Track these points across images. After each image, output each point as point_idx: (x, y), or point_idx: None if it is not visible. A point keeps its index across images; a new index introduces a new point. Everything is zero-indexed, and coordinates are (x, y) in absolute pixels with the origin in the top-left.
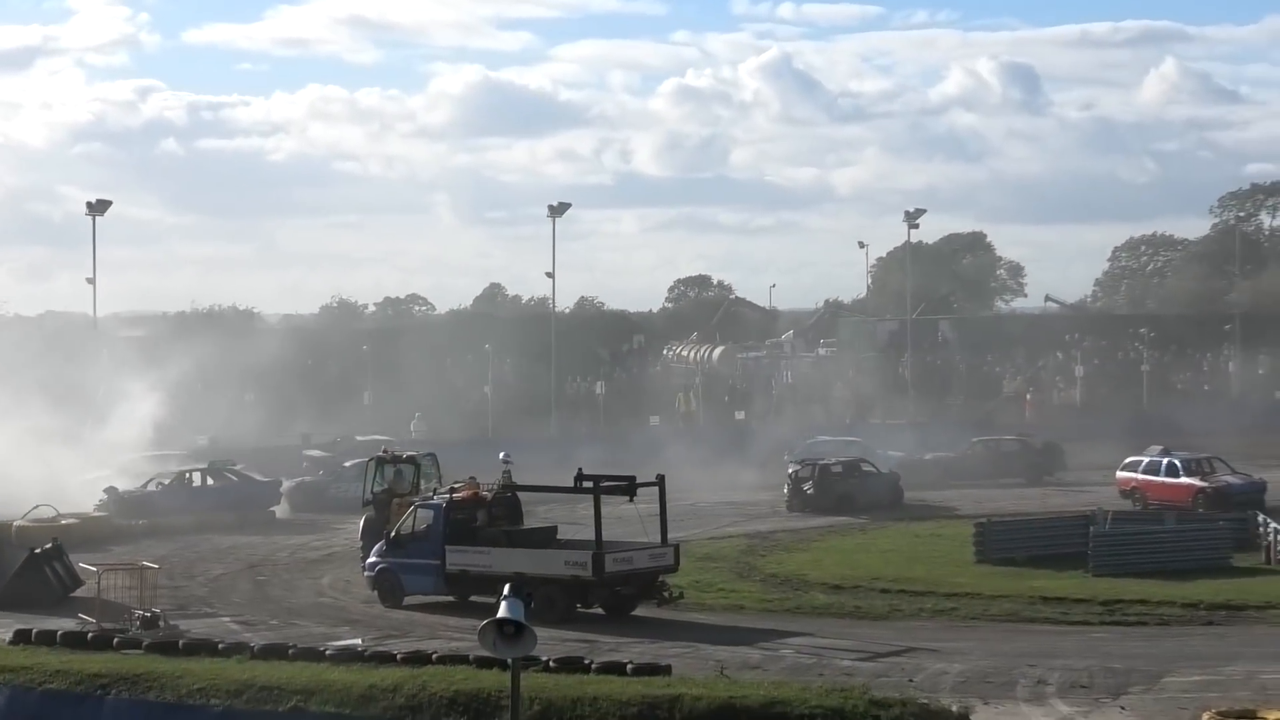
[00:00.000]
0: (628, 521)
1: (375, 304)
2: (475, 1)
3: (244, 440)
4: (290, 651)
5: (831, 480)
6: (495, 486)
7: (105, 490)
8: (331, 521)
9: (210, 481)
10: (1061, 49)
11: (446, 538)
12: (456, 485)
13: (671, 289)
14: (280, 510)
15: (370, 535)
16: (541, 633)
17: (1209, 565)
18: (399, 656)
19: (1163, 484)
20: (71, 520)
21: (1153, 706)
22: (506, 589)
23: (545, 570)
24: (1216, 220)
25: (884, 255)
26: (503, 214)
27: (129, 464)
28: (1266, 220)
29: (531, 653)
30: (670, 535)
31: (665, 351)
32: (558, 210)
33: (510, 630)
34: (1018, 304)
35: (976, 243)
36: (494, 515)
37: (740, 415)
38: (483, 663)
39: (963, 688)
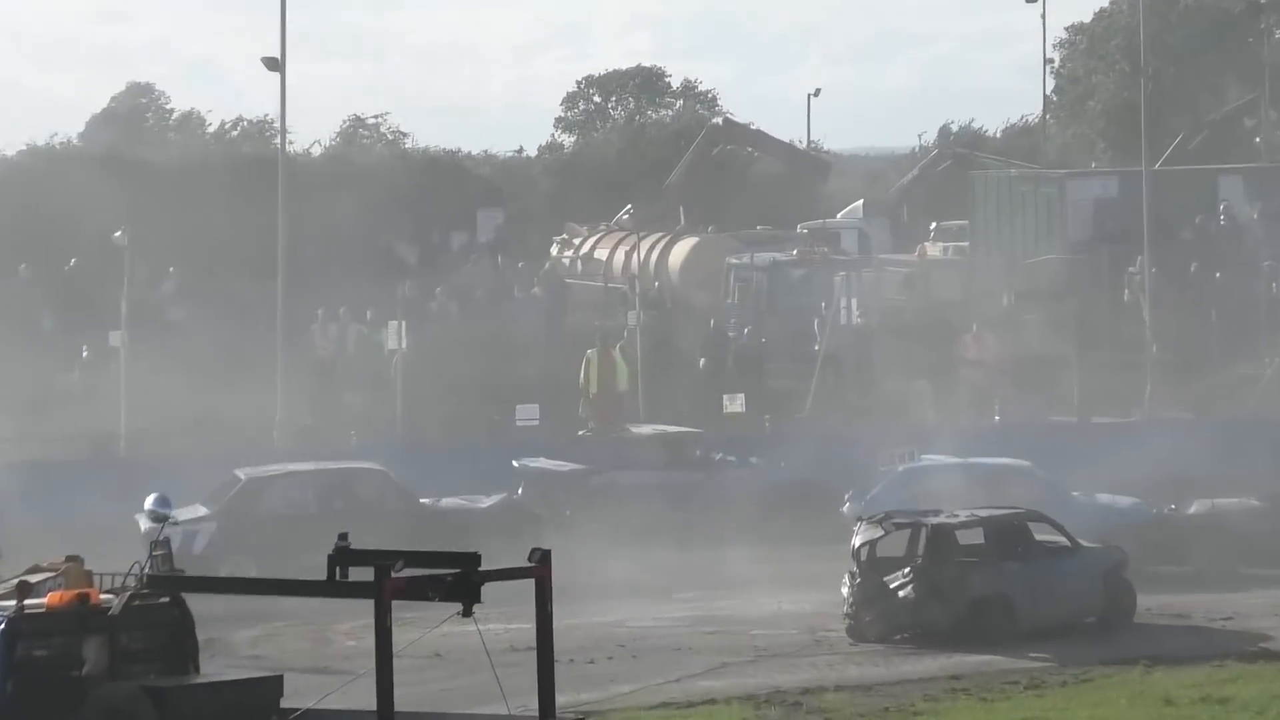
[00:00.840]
0: (461, 663)
1: None
2: None
3: None
4: None
5: (957, 567)
6: (134, 579)
7: None
8: None
9: None
10: None
11: (7, 705)
12: (36, 577)
13: (569, 103)
14: None
15: None
16: None
17: None
18: None
19: None
20: None
21: None
22: None
23: None
24: None
25: (1084, 20)
26: None
27: None
28: None
29: None
30: (570, 697)
31: (555, 249)
32: None
33: None
34: None
35: None
36: (124, 649)
37: (735, 404)
38: None
39: None
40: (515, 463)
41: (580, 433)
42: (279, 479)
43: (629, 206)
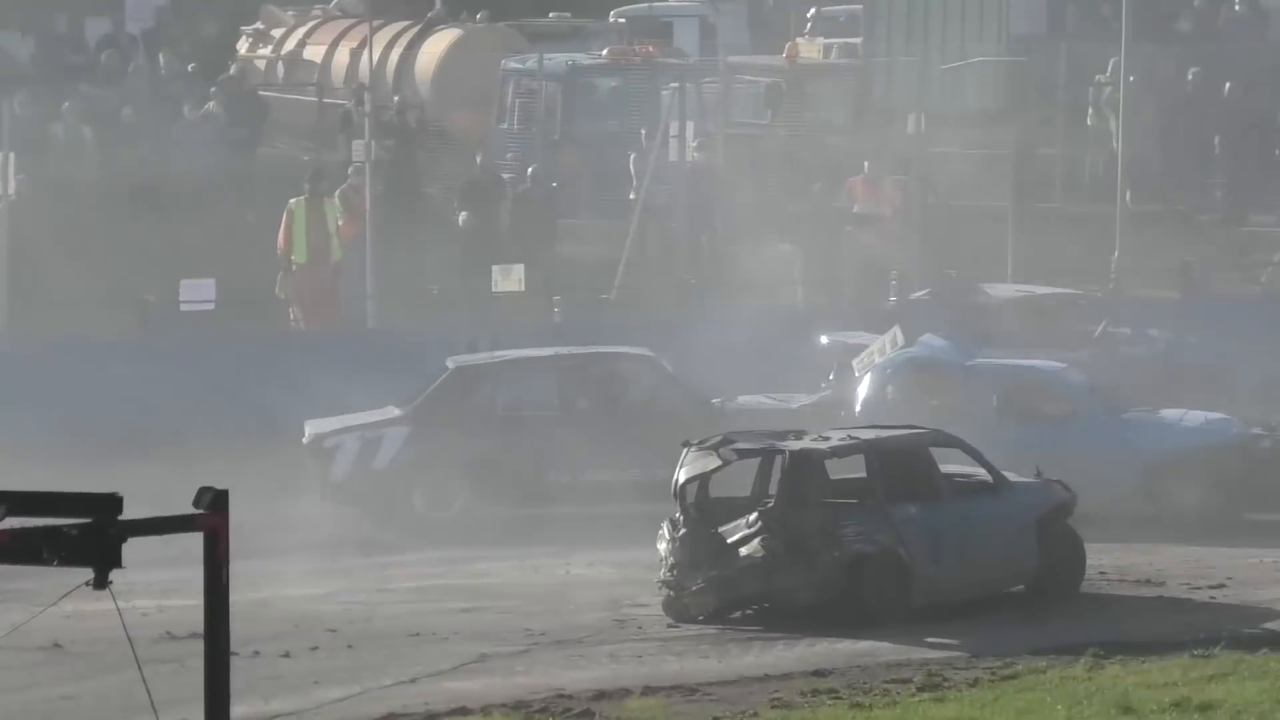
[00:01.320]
0: (92, 657)
1: None
2: None
3: None
4: None
5: (826, 511)
6: None
7: None
8: None
9: None
10: None
11: None
12: None
13: None
14: None
15: None
16: None
17: None
18: None
19: None
20: None
21: None
22: None
23: None
24: None
25: None
26: None
27: None
28: None
29: None
30: (254, 707)
31: (244, 45)
32: None
33: None
34: None
35: None
36: None
37: (510, 280)
38: None
39: None
40: (824, 338)
41: (914, 295)
42: (502, 367)
43: None
